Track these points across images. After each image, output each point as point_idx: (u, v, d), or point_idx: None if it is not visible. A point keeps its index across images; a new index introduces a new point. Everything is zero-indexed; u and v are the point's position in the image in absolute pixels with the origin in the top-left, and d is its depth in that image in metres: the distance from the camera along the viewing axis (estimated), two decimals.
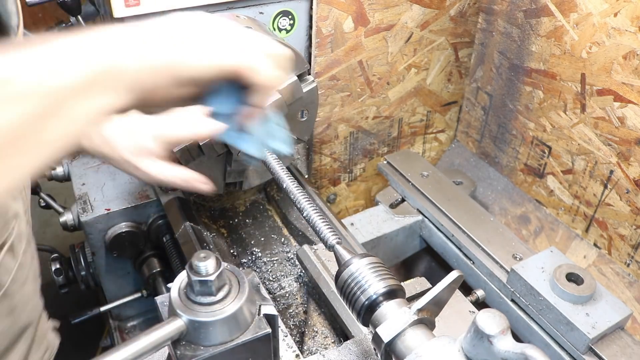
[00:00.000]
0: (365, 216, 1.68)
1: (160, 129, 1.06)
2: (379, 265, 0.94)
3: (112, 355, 0.71)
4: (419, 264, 1.88)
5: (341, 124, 1.85)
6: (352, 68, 1.73)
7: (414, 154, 1.89)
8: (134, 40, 0.63)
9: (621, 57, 1.46)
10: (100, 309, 1.72)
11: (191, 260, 0.76)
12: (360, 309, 0.91)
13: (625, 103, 1.50)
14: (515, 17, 1.75)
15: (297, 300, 1.39)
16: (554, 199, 1.83)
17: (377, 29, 1.69)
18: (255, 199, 1.72)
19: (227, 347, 0.78)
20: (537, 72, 1.74)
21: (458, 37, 1.89)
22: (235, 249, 1.54)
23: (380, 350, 0.86)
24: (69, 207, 1.63)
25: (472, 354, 0.73)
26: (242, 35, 0.76)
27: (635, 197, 1.55)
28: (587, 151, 1.66)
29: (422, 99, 1.98)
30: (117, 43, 0.60)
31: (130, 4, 1.23)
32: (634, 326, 1.55)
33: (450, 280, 0.86)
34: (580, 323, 1.20)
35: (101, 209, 1.59)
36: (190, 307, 0.77)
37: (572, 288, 1.25)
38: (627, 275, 1.64)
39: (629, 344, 1.21)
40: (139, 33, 0.64)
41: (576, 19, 1.55)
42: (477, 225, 1.55)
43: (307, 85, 1.39)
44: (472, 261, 1.51)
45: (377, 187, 2.12)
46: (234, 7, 1.37)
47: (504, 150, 1.98)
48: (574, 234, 1.79)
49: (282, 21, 1.47)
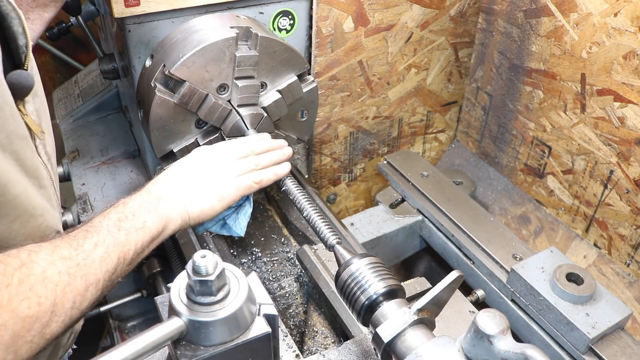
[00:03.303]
0: (365, 216, 1.68)
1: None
2: (379, 265, 0.94)
3: (112, 355, 0.71)
4: (419, 264, 1.88)
5: (341, 124, 1.85)
6: (352, 68, 1.73)
7: (414, 154, 1.89)
8: (177, 205, 1.05)
9: (621, 57, 1.46)
10: (100, 309, 1.72)
11: (191, 260, 0.76)
12: (360, 309, 0.91)
13: (625, 103, 1.50)
14: (515, 17, 1.75)
15: (297, 300, 1.39)
16: (554, 199, 1.83)
17: (377, 29, 1.69)
18: (255, 199, 1.72)
19: (227, 347, 0.78)
20: (537, 72, 1.74)
21: (458, 37, 1.89)
22: (235, 249, 1.54)
23: (380, 350, 0.86)
24: (69, 207, 1.63)
25: (472, 354, 0.73)
26: (233, 167, 1.15)
27: (635, 197, 1.55)
28: (587, 151, 1.66)
29: (422, 99, 1.98)
30: (169, 207, 1.04)
31: (130, 4, 1.23)
32: (634, 326, 1.55)
33: (450, 280, 0.86)
34: (580, 323, 1.20)
35: (101, 209, 1.58)
36: (190, 307, 0.77)
37: (572, 288, 1.25)
38: (627, 275, 1.64)
39: (629, 344, 1.21)
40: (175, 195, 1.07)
41: (576, 19, 1.55)
42: (477, 225, 1.55)
43: (307, 85, 1.39)
44: (472, 261, 1.51)
45: (377, 187, 2.12)
46: (234, 7, 1.37)
47: (504, 150, 1.98)
48: (574, 234, 1.79)
49: (282, 21, 1.47)
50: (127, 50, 1.34)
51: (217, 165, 1.14)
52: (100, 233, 0.90)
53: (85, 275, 0.83)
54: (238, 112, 1.28)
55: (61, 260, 0.81)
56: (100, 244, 0.88)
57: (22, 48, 0.87)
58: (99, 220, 0.94)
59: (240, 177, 1.14)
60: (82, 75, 2.16)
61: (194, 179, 1.10)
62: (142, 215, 0.98)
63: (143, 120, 1.30)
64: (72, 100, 2.04)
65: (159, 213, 1.00)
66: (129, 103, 1.74)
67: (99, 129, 1.92)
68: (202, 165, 1.14)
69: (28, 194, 0.86)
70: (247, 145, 1.20)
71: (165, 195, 1.04)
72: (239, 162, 1.16)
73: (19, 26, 0.85)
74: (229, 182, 1.13)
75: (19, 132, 0.85)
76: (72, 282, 0.81)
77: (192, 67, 1.20)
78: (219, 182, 1.12)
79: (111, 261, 0.89)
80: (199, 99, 1.23)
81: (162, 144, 1.28)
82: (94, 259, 0.86)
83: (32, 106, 0.94)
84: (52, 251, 0.81)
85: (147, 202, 1.01)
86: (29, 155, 0.88)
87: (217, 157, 1.16)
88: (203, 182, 1.10)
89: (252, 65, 1.26)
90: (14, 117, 0.83)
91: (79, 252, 0.85)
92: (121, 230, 0.93)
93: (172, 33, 1.30)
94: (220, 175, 1.13)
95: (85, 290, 0.83)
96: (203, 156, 1.16)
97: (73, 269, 0.82)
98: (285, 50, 1.31)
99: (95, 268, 0.85)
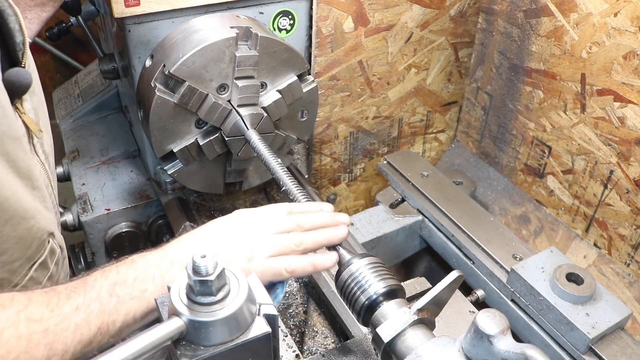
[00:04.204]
0: (365, 216, 1.68)
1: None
2: (379, 265, 0.94)
3: (112, 355, 0.71)
4: (419, 264, 1.88)
5: (341, 124, 1.85)
6: (352, 68, 1.73)
7: (414, 154, 1.89)
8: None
9: (621, 57, 1.46)
10: None
11: (191, 260, 0.76)
12: (360, 309, 0.91)
13: (625, 103, 1.50)
14: (516, 17, 1.75)
15: (297, 300, 1.39)
16: (554, 199, 1.83)
17: (377, 29, 1.69)
18: (255, 199, 1.72)
19: (227, 347, 0.78)
20: (537, 72, 1.74)
21: (458, 37, 1.89)
22: None
23: (380, 351, 0.86)
24: (69, 207, 1.63)
25: (472, 354, 0.73)
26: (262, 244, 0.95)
27: (635, 197, 1.55)
28: (587, 151, 1.66)
29: (422, 99, 1.98)
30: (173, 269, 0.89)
31: (130, 4, 1.23)
32: (634, 326, 1.55)
33: (450, 280, 0.86)
34: (580, 323, 1.20)
35: (101, 209, 1.59)
36: (190, 307, 0.77)
37: (572, 288, 1.25)
38: (627, 275, 1.64)
39: (629, 344, 1.21)
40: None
41: (576, 19, 1.55)
42: (477, 225, 1.55)
43: (307, 85, 1.39)
44: (472, 261, 1.51)
45: (377, 187, 2.12)
46: (234, 7, 1.37)
47: (504, 150, 1.98)
48: (574, 234, 1.79)
49: (282, 21, 1.47)
50: (127, 50, 1.34)
51: (248, 237, 0.95)
52: (88, 295, 0.80)
53: (51, 344, 0.74)
54: (238, 112, 1.28)
55: (27, 322, 0.72)
56: (82, 308, 0.78)
57: (19, 45, 0.86)
58: (94, 277, 0.84)
59: (272, 260, 0.94)
60: (82, 75, 2.16)
61: (217, 248, 0.93)
62: (144, 281, 0.85)
63: (143, 120, 1.30)
64: (72, 100, 2.04)
65: (164, 281, 0.86)
66: (129, 103, 1.74)
67: (99, 129, 1.92)
68: (231, 233, 0.96)
69: (19, 196, 0.83)
70: (296, 216, 1.00)
71: (181, 261, 0.89)
72: (277, 239, 0.96)
73: (15, 23, 0.85)
74: (257, 262, 0.93)
75: (12, 133, 0.83)
76: (31, 351, 0.71)
77: (192, 67, 1.20)
78: (243, 259, 0.92)
79: (88, 331, 0.78)
80: (199, 99, 1.23)
81: (162, 144, 1.28)
82: (67, 325, 0.76)
83: (30, 104, 0.93)
84: (22, 309, 0.73)
85: (156, 266, 0.88)
86: (21, 156, 0.86)
87: (253, 225, 0.97)
88: (225, 255, 0.92)
89: (252, 65, 1.26)
90: (7, 118, 0.82)
91: (53, 314, 0.75)
92: (112, 297, 0.81)
93: (172, 33, 1.31)
94: (248, 251, 0.93)
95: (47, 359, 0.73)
96: (237, 222, 0.99)
97: (37, 335, 0.72)
98: (285, 50, 1.31)
99: (66, 337, 0.75)
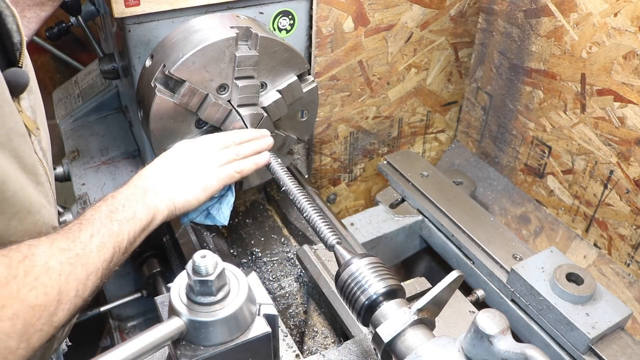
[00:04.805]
0: (365, 216, 1.68)
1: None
2: (379, 265, 0.94)
3: (112, 355, 0.71)
4: (419, 264, 1.88)
5: (341, 124, 1.85)
6: (352, 68, 1.73)
7: (414, 154, 1.89)
8: (164, 197, 1.09)
9: (621, 57, 1.46)
10: (100, 309, 1.72)
11: (191, 260, 0.76)
12: (360, 309, 0.91)
13: (625, 103, 1.50)
14: (515, 17, 1.75)
15: (297, 300, 1.39)
16: (554, 199, 1.83)
17: (377, 29, 1.69)
18: (255, 199, 1.72)
19: (227, 347, 0.78)
20: (537, 72, 1.74)
21: (458, 37, 1.89)
22: (235, 249, 1.54)
23: (380, 351, 0.86)
24: (69, 207, 1.63)
25: (472, 354, 0.73)
26: (215, 157, 1.18)
27: (635, 197, 1.55)
28: (587, 151, 1.66)
29: (422, 99, 1.98)
30: (156, 199, 1.07)
31: (130, 4, 1.23)
32: (634, 326, 1.55)
33: (450, 280, 0.86)
34: (580, 323, 1.20)
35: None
36: (190, 307, 0.77)
37: (572, 288, 1.25)
38: (627, 275, 1.64)
39: (629, 344, 1.21)
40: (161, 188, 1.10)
41: (576, 19, 1.55)
42: (477, 225, 1.55)
43: (307, 85, 1.39)
44: (472, 261, 1.51)
45: (377, 187, 2.12)
46: (234, 7, 1.37)
47: (504, 150, 1.98)
48: (574, 234, 1.79)
49: (282, 21, 1.47)
50: (127, 50, 1.34)
51: (199, 157, 1.18)
52: (94, 225, 0.93)
53: (85, 265, 0.87)
54: (238, 112, 1.28)
55: (60, 251, 0.84)
56: (96, 234, 0.91)
57: (16, 45, 0.88)
58: (90, 213, 0.96)
59: (222, 168, 1.18)
60: (82, 75, 2.16)
61: (177, 171, 1.14)
62: (132, 206, 1.02)
63: (143, 120, 1.30)
64: (72, 100, 2.04)
65: (147, 204, 1.04)
66: (129, 103, 1.74)
67: (99, 129, 1.92)
68: (185, 157, 1.17)
69: (26, 191, 0.87)
70: (228, 136, 1.24)
71: (151, 187, 1.08)
72: (221, 153, 1.20)
73: (13, 23, 0.86)
74: (211, 172, 1.17)
75: (18, 130, 0.85)
76: (74, 272, 0.84)
77: (192, 67, 1.20)
78: (201, 173, 1.16)
79: (107, 250, 0.92)
80: (199, 99, 1.23)
81: (162, 144, 1.28)
82: (91, 249, 0.89)
83: (27, 103, 0.94)
84: (51, 244, 0.84)
85: (134, 194, 1.05)
86: (27, 152, 0.89)
87: (199, 148, 1.20)
88: (186, 174, 1.15)
89: (252, 65, 1.26)
90: (13, 115, 0.84)
91: (76, 243, 0.88)
92: (114, 222, 0.96)
93: (172, 33, 1.31)
94: (203, 166, 1.17)
95: (87, 278, 0.86)
96: (186, 149, 1.20)
97: (73, 259, 0.85)
98: (285, 50, 1.31)
99: (93, 257, 0.89)
